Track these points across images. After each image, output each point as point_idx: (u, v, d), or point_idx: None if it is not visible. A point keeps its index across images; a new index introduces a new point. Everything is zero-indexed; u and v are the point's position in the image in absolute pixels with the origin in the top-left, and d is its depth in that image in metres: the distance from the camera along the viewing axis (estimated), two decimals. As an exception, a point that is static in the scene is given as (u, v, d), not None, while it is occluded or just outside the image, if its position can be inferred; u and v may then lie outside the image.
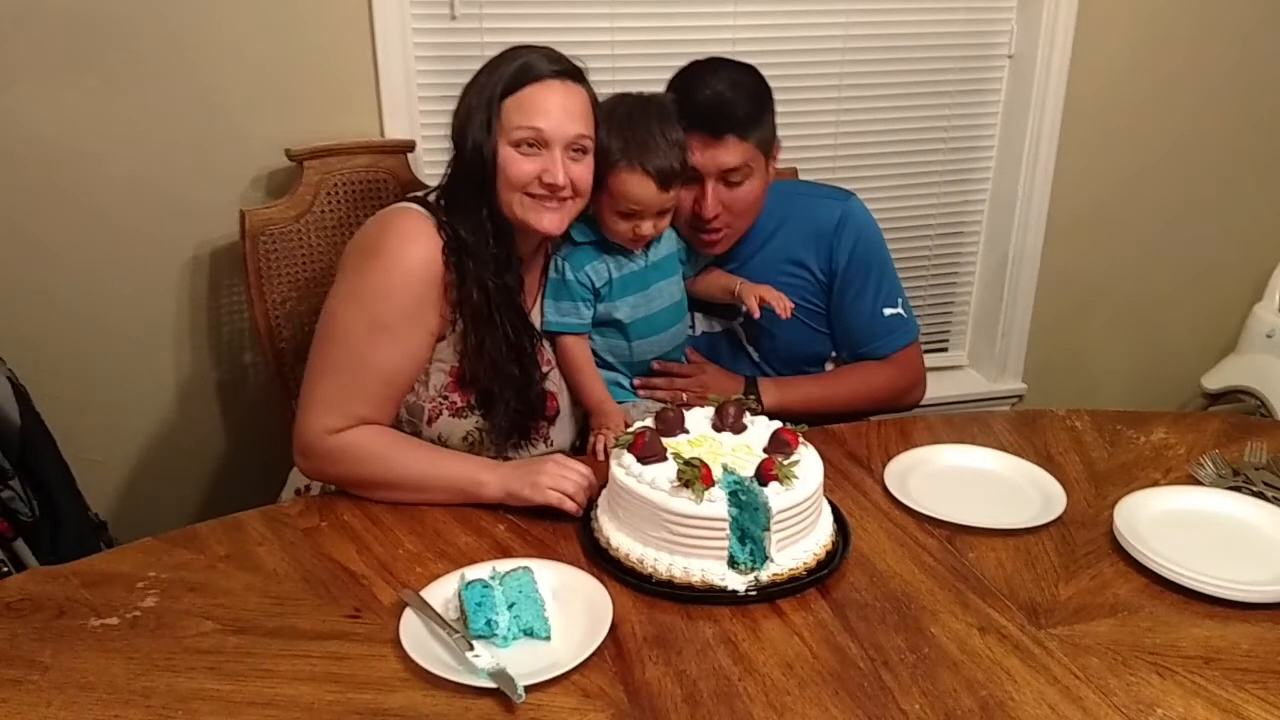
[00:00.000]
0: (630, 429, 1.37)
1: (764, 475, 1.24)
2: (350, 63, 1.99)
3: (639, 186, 1.56)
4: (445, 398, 1.54)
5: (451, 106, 2.04)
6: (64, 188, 1.91)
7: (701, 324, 1.84)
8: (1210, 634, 1.19)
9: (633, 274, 1.67)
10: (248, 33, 1.92)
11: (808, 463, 1.30)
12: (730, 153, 1.63)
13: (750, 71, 1.70)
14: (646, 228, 1.60)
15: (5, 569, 1.64)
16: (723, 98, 1.64)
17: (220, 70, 1.93)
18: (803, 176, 2.20)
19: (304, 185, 1.89)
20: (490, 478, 1.43)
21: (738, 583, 1.23)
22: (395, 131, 2.04)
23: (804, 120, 2.35)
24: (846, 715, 1.05)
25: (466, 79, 2.03)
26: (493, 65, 1.49)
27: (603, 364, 1.71)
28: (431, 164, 2.10)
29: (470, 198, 1.48)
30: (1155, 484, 1.51)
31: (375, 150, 1.96)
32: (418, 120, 2.08)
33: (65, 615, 1.18)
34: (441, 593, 1.22)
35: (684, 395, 1.70)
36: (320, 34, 1.96)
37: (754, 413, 1.43)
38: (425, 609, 1.18)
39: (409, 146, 2.00)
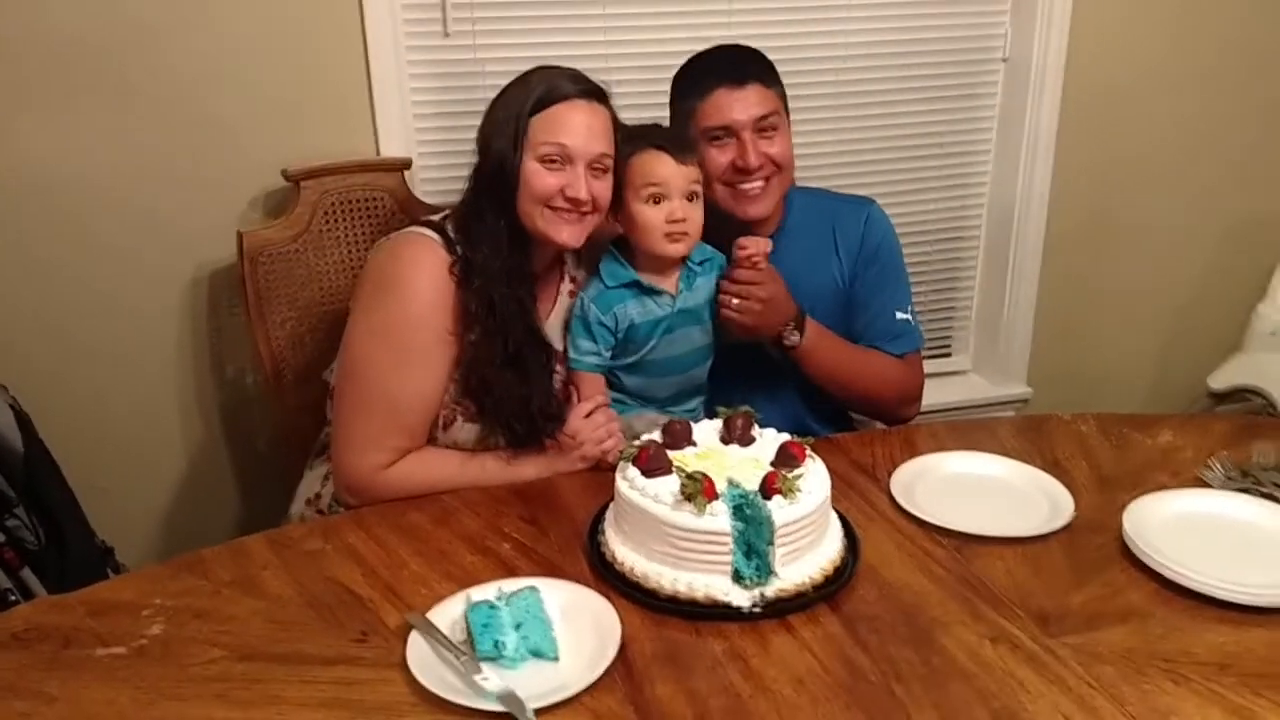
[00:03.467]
0: (636, 442, 1.36)
1: (768, 489, 1.23)
2: (345, 82, 1.99)
3: (656, 162, 1.57)
4: (459, 404, 1.56)
5: (448, 124, 2.09)
6: (62, 213, 1.91)
7: None
8: (1224, 639, 1.18)
9: (657, 320, 1.65)
10: (242, 54, 1.92)
11: (814, 476, 1.29)
12: (758, 99, 1.68)
13: None
14: (678, 210, 1.58)
15: (13, 597, 1.64)
16: (738, 51, 1.76)
17: (215, 92, 1.93)
18: (800, 185, 2.19)
19: (301, 205, 1.89)
20: (531, 472, 1.56)
21: (742, 599, 1.22)
22: (391, 150, 2.04)
23: (800, 129, 2.32)
24: (859, 730, 1.05)
25: (461, 95, 2.04)
26: (522, 81, 1.54)
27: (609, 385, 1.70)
28: (428, 181, 2.10)
29: (491, 208, 1.52)
30: (1164, 488, 1.49)
31: (372, 169, 1.96)
32: (413, 138, 2.08)
33: (72, 645, 1.18)
34: (448, 614, 1.21)
35: (756, 305, 1.64)
36: (314, 54, 1.96)
37: (789, 347, 1.62)
38: (432, 631, 1.17)
39: (405, 164, 2.00)
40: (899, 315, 1.82)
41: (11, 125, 1.85)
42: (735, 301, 1.65)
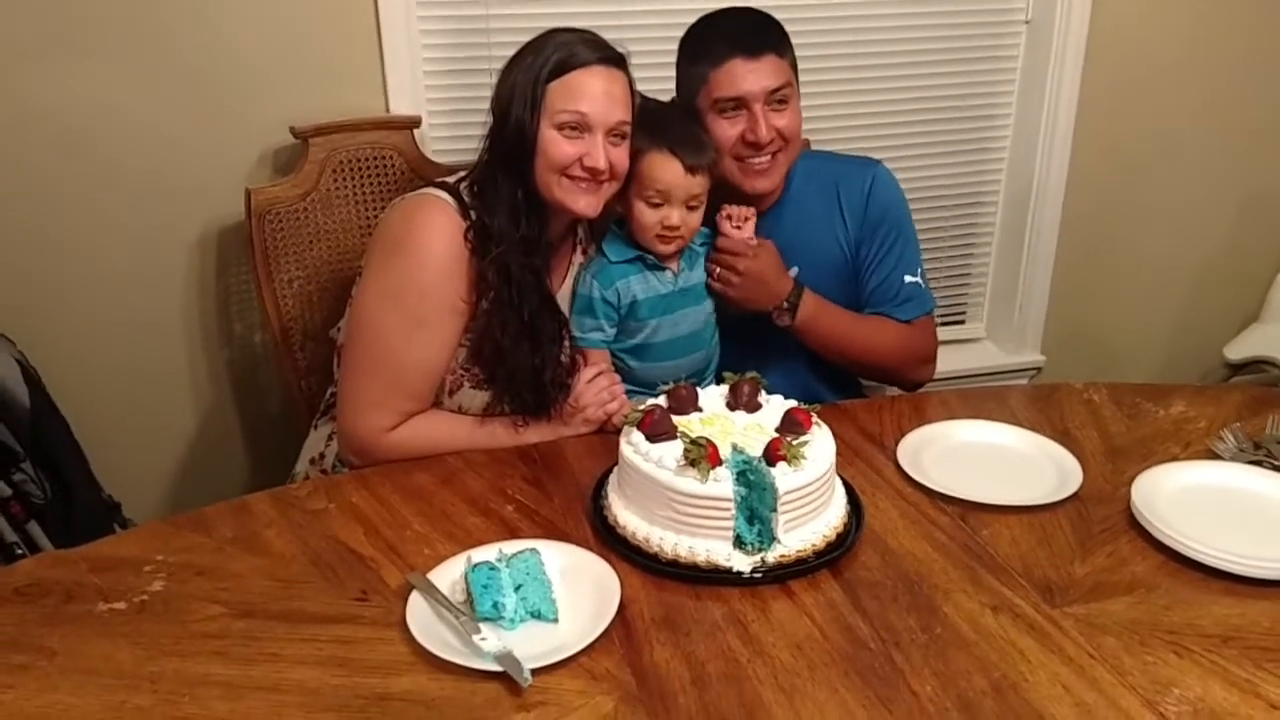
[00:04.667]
0: (641, 406, 1.35)
1: (772, 456, 1.22)
2: (354, 39, 1.97)
3: (665, 168, 1.55)
4: (467, 370, 1.55)
5: (457, 81, 2.06)
6: (68, 170, 1.90)
7: None
8: (1230, 612, 1.16)
9: (660, 297, 1.65)
10: (251, 9, 1.90)
11: (819, 444, 1.28)
12: (772, 70, 1.64)
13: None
14: (674, 217, 1.58)
15: (19, 550, 1.66)
16: (752, 18, 1.71)
17: (223, 48, 1.91)
18: (816, 148, 2.16)
19: (309, 163, 1.87)
20: (535, 437, 1.55)
21: (743, 564, 1.21)
22: (401, 108, 2.02)
23: (815, 90, 2.30)
24: (857, 697, 1.04)
25: (471, 53, 2.01)
26: (538, 46, 1.50)
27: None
28: (438, 139, 2.07)
29: (506, 176, 1.50)
30: (1174, 459, 1.48)
31: (381, 126, 1.94)
32: (423, 96, 2.06)
33: (73, 600, 1.18)
34: (448, 575, 1.21)
35: (734, 278, 1.65)
36: (324, 10, 1.94)
37: (785, 325, 1.62)
38: (432, 592, 1.17)
39: (415, 122, 1.98)
40: (908, 279, 1.79)
41: (15, 82, 1.83)
42: (718, 271, 1.67)
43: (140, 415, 2.07)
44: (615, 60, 1.51)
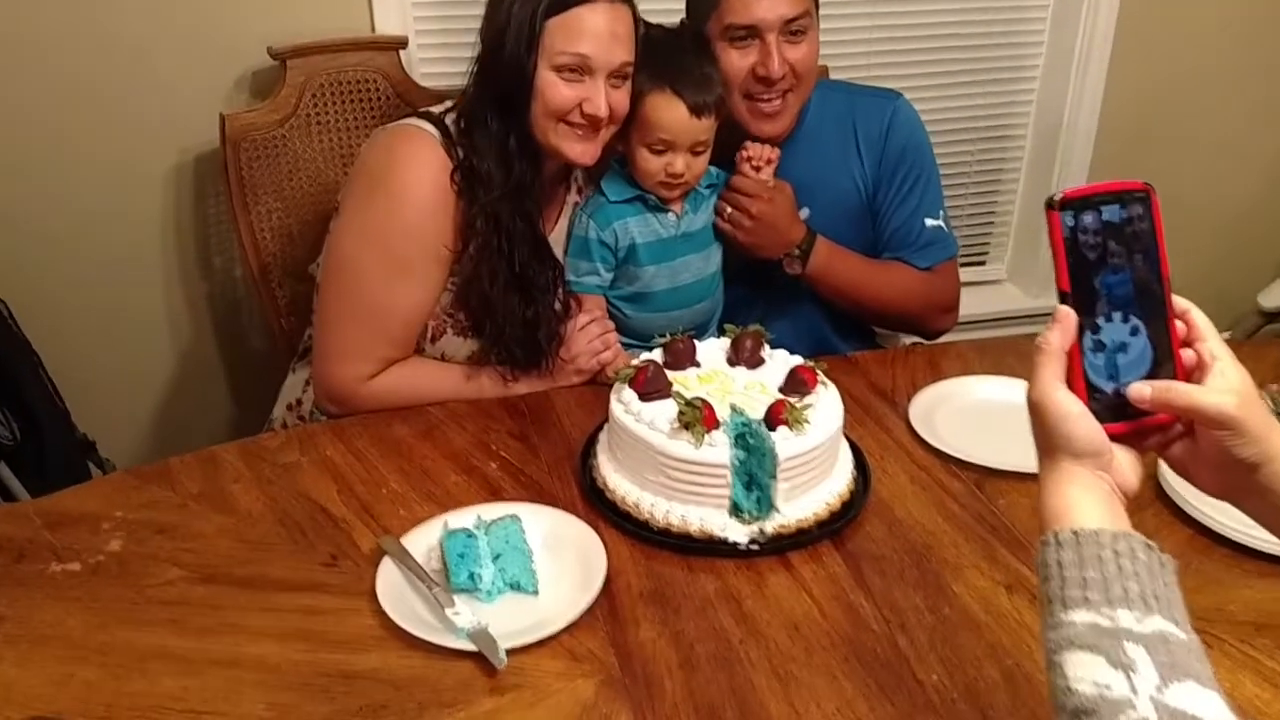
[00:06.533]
0: (635, 361, 1.26)
1: (773, 419, 1.13)
2: (337, -50, 1.83)
3: (669, 111, 1.44)
4: (451, 315, 1.47)
5: (448, -1, 1.93)
6: (35, 91, 1.78)
7: None
8: (1262, 596, 1.08)
9: (659, 241, 1.54)
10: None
11: (824, 406, 1.19)
12: None
13: None
14: (679, 164, 1.47)
15: (-12, 493, 1.59)
16: None
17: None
18: (835, 76, 2.03)
19: (288, 87, 1.75)
20: (524, 388, 1.47)
21: (739, 534, 1.14)
22: (386, 28, 1.88)
23: (834, 13, 2.15)
24: (856, 686, 0.97)
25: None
26: None
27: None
28: (425, 61, 1.95)
29: (498, 116, 1.39)
30: (1208, 422, 1.38)
31: (364, 47, 1.81)
32: (410, 15, 1.92)
33: (25, 559, 1.12)
34: (425, 540, 1.14)
35: (746, 221, 1.56)
36: (305, -81, 1.80)
37: (795, 274, 1.55)
38: (405, 559, 1.10)
39: (401, 44, 1.85)
40: (929, 222, 1.68)
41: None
42: (729, 212, 1.56)
43: (117, 352, 1.99)
44: None
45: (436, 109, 1.46)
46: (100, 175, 1.87)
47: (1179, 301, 0.79)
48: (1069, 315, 0.76)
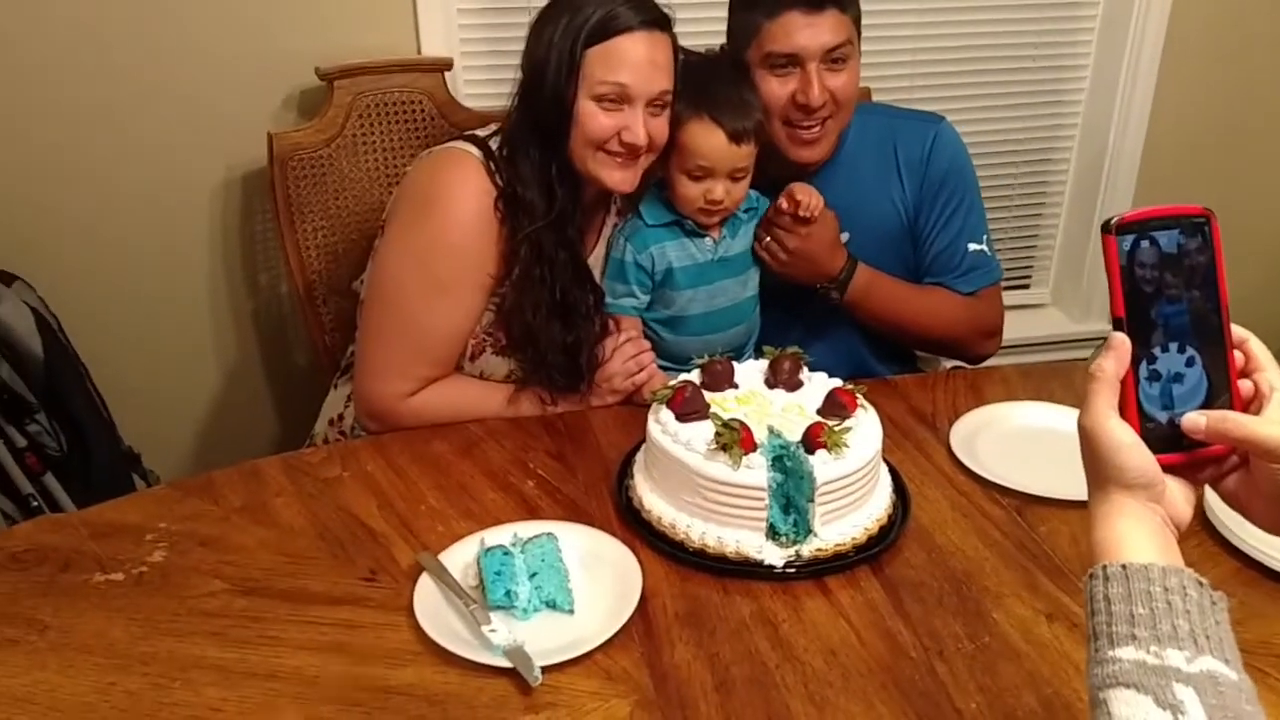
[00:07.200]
0: (673, 381, 1.26)
1: (811, 442, 1.13)
2: (385, -26, 1.87)
3: (708, 139, 1.44)
4: (490, 335, 1.48)
5: (493, 20, 1.95)
6: (91, 106, 1.83)
7: None
8: (1311, 632, 1.05)
9: (696, 266, 1.54)
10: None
11: (863, 429, 1.18)
12: (832, 27, 1.50)
13: None
14: (718, 191, 1.47)
15: (35, 503, 1.63)
16: None
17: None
18: (878, 98, 2.03)
19: (334, 107, 1.78)
20: (561, 408, 1.48)
21: (776, 556, 1.13)
22: (432, 49, 1.91)
23: (880, 35, 2.16)
24: (894, 713, 0.96)
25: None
26: (575, 3, 1.37)
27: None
28: (470, 83, 1.97)
29: (538, 144, 1.40)
30: (1257, 452, 1.35)
31: (410, 69, 1.84)
32: (456, 37, 1.95)
33: (70, 569, 1.13)
34: (462, 556, 1.14)
35: (783, 254, 1.55)
36: (353, -57, 1.84)
37: (832, 302, 1.56)
38: (442, 575, 1.10)
39: (446, 65, 1.87)
40: (972, 247, 1.66)
41: (36, 9, 1.76)
42: (766, 240, 1.56)
43: (163, 366, 2.02)
44: (660, 23, 1.39)
45: (482, 132, 1.48)
46: (150, 192, 1.91)
47: (1238, 331, 0.77)
48: (1124, 343, 0.74)
